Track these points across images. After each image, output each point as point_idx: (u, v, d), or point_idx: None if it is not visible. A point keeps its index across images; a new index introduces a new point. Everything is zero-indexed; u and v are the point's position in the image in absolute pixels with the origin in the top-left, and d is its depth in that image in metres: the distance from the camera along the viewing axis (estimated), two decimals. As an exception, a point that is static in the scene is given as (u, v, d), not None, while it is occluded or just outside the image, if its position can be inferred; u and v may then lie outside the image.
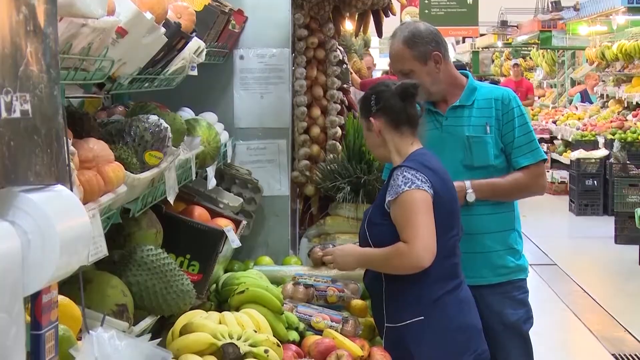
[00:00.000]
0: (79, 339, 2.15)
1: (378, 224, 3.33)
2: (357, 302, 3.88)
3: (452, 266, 3.33)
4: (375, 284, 3.39)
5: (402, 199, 3.21)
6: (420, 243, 3.16)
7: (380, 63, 14.58)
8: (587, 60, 17.31)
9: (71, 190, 1.71)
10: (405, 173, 3.23)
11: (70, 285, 2.30)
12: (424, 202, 3.21)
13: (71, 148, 2.16)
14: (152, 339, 2.41)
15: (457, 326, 3.30)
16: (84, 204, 2.17)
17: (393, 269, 3.28)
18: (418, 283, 3.25)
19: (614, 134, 13.08)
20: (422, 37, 3.70)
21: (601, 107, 16.07)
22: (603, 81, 16.63)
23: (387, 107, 3.38)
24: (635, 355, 6.33)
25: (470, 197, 3.65)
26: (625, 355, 6.38)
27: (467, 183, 3.65)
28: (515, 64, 20.35)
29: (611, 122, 13.95)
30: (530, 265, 4.06)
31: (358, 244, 3.56)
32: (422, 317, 3.25)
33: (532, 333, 3.92)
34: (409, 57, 3.69)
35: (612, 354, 6.43)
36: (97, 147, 2.42)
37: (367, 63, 10.13)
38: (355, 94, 7.52)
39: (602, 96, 16.48)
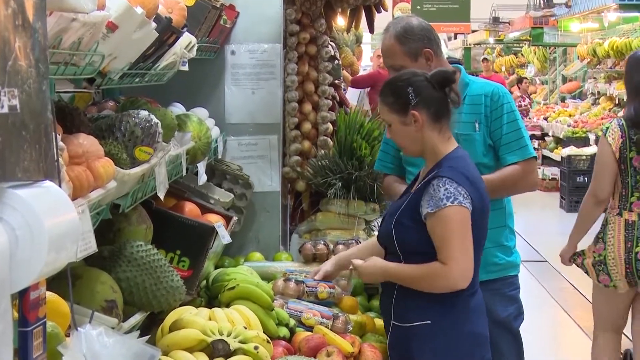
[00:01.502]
0: (68, 335, 2.14)
1: (408, 226, 3.17)
2: (347, 299, 3.88)
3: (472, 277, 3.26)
4: (388, 281, 3.32)
5: (443, 215, 3.05)
6: (458, 266, 3.06)
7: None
8: (578, 57, 17.36)
9: (60, 186, 1.70)
10: (447, 186, 3.07)
11: (59, 281, 2.29)
12: (465, 220, 3.08)
13: (60, 143, 2.15)
14: (141, 335, 2.41)
15: (463, 334, 3.22)
16: (74, 199, 2.16)
17: (424, 289, 3.15)
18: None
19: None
20: (414, 34, 3.67)
21: (592, 104, 16.11)
22: (594, 78, 16.68)
23: (428, 98, 3.16)
24: (624, 351, 6.33)
25: None
26: (615, 352, 6.39)
27: None
28: (485, 59, 20.43)
29: (602, 119, 13.99)
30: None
31: (377, 237, 3.46)
32: (429, 322, 3.18)
33: (522, 329, 3.91)
34: (400, 53, 3.67)
35: (602, 351, 6.43)
36: (86, 142, 2.41)
37: None
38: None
39: (593, 93, 16.53)
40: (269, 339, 3.16)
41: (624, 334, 5.08)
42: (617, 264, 4.66)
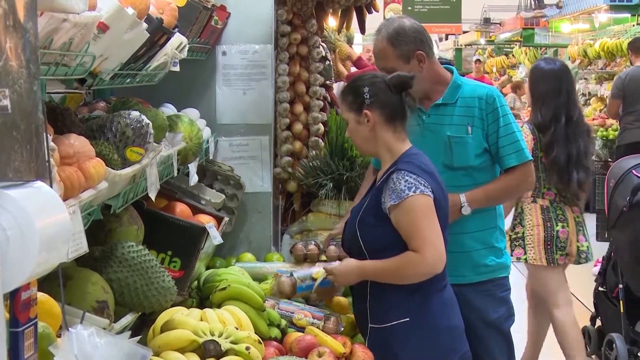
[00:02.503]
0: (59, 336, 2.14)
1: (372, 225, 3.23)
2: (339, 300, 3.88)
3: None
4: (360, 284, 3.35)
5: (407, 205, 3.11)
6: (431, 250, 3.10)
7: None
8: (569, 58, 17.39)
9: (51, 186, 1.70)
10: (407, 177, 3.13)
11: (50, 282, 2.29)
12: (429, 207, 3.13)
13: (51, 144, 2.14)
14: (133, 335, 2.40)
15: (442, 327, 3.25)
16: (65, 200, 2.16)
17: (404, 280, 3.19)
18: (406, 285, 3.22)
19: (595, 132, 13.12)
20: (406, 36, 3.66)
21: (583, 105, 16.13)
22: (585, 79, 16.71)
23: (383, 99, 3.25)
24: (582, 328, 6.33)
25: (466, 210, 3.61)
26: (605, 352, 6.40)
27: (462, 197, 3.61)
28: (477, 60, 20.46)
29: (593, 119, 14.00)
30: (511, 262, 4.07)
31: (341, 241, 3.52)
32: (408, 319, 3.20)
33: (512, 330, 3.92)
34: (392, 55, 3.65)
35: (593, 351, 6.45)
36: (78, 143, 2.41)
37: None
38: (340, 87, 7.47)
39: (584, 94, 16.55)
40: (260, 339, 3.16)
41: (585, 306, 5.26)
42: (534, 242, 5.43)
